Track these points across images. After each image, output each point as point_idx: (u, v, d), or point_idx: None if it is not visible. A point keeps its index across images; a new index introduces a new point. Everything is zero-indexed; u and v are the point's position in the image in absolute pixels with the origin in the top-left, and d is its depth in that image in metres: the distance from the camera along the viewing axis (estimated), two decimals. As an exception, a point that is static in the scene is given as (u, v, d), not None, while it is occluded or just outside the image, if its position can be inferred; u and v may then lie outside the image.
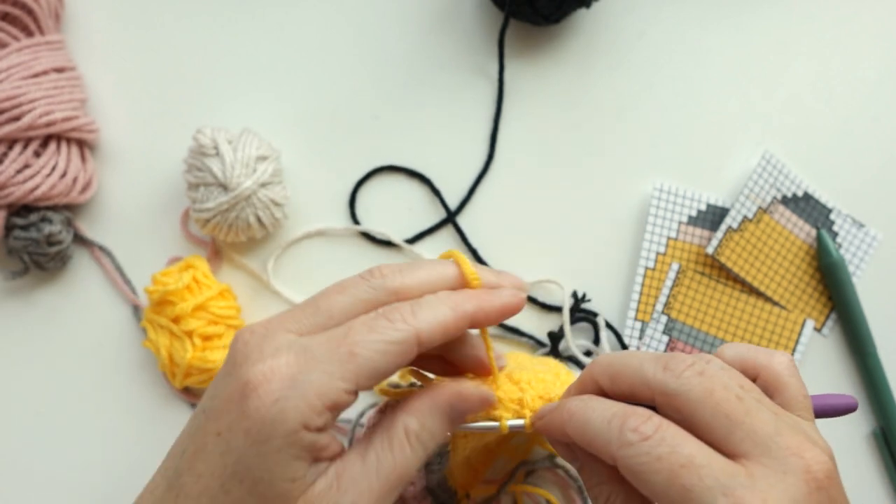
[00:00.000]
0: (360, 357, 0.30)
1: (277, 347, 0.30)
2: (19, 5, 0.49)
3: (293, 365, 0.29)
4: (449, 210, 0.51)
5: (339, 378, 0.29)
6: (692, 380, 0.30)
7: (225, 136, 0.47)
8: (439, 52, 0.53)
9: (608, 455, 0.30)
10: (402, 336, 0.30)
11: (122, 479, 0.49)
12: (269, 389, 0.29)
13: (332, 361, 0.29)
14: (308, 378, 0.29)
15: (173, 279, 0.47)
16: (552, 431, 0.34)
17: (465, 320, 0.32)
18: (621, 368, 0.32)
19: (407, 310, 0.31)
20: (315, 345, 0.30)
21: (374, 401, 0.48)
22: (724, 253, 0.50)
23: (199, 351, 0.46)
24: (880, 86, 0.53)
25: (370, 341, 0.30)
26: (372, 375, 0.30)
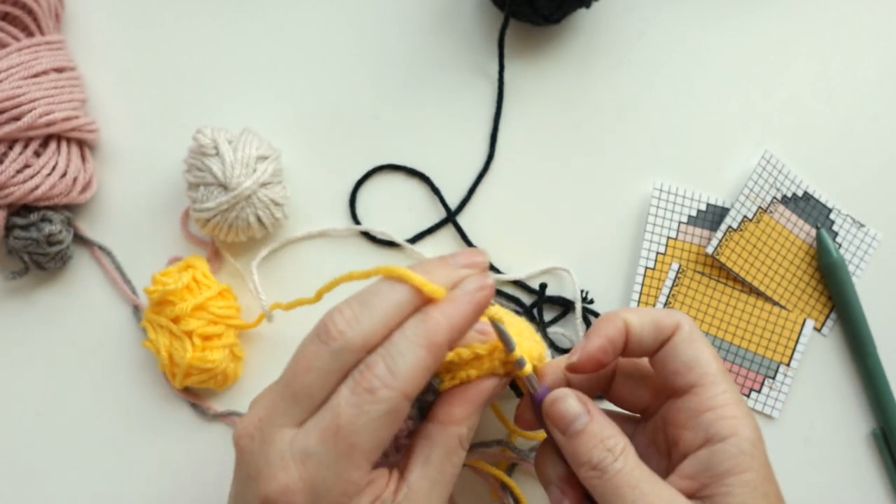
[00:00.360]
0: (361, 444, 0.30)
1: (282, 457, 0.31)
2: (19, 5, 0.49)
3: (307, 478, 0.30)
4: (449, 210, 0.51)
5: (353, 470, 0.30)
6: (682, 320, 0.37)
7: (225, 136, 0.47)
8: (439, 52, 0.53)
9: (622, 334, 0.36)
10: (390, 406, 0.31)
11: (122, 479, 0.49)
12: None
13: (339, 461, 0.30)
14: (327, 485, 0.30)
15: (173, 279, 0.47)
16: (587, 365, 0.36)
17: (443, 351, 0.32)
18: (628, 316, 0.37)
19: (383, 371, 0.31)
20: (313, 446, 0.30)
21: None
22: (724, 253, 0.50)
23: (198, 351, 0.46)
24: (880, 86, 0.53)
25: (363, 424, 0.30)
26: (378, 449, 0.31)
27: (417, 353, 0.31)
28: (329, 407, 0.31)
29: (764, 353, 0.50)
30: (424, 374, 0.31)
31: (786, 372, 0.50)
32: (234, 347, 0.48)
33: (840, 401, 0.50)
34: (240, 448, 0.32)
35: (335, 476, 0.30)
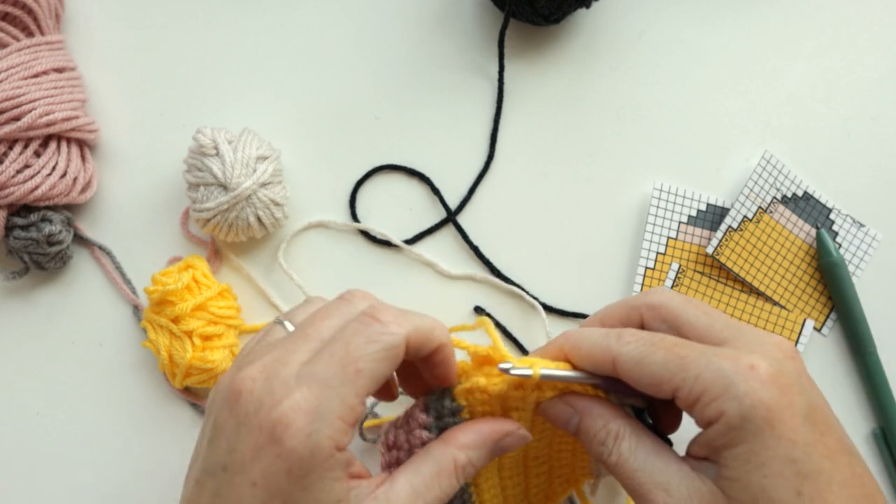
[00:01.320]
0: (366, 371, 0.31)
1: (286, 384, 0.31)
2: (19, 5, 0.49)
3: (311, 397, 0.30)
4: (449, 210, 0.51)
5: (353, 396, 0.31)
6: (673, 296, 0.36)
7: (225, 136, 0.47)
8: (439, 53, 0.53)
9: (609, 358, 0.34)
10: (397, 340, 0.32)
11: (122, 480, 0.49)
12: (300, 426, 0.30)
13: (344, 383, 0.31)
14: (329, 405, 0.30)
15: (173, 279, 0.47)
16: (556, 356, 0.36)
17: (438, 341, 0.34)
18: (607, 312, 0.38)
19: (395, 312, 0.33)
20: (320, 371, 0.31)
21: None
22: (724, 253, 0.50)
23: (198, 351, 0.46)
24: (880, 86, 0.53)
25: (370, 353, 0.31)
26: (378, 382, 0.32)
27: (427, 321, 0.33)
28: (338, 337, 0.32)
29: (764, 353, 0.50)
30: (424, 340, 0.33)
31: (786, 372, 0.50)
32: (234, 347, 0.48)
33: (840, 401, 0.50)
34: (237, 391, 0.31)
35: (338, 399, 0.30)
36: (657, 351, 0.33)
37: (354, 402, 0.31)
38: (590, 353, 0.34)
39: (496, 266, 0.51)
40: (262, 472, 0.30)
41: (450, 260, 0.51)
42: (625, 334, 0.34)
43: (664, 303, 0.35)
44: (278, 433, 0.30)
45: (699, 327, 0.34)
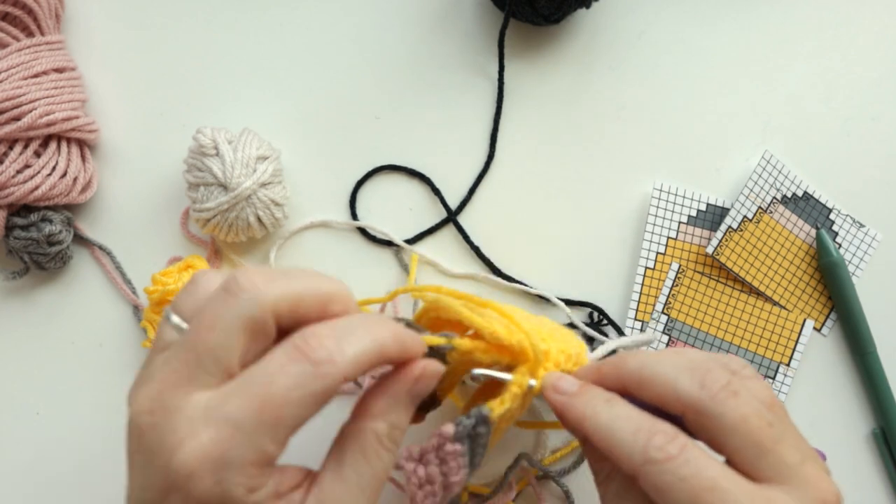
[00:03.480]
0: (288, 418, 0.28)
1: (191, 421, 0.27)
2: (19, 5, 0.49)
3: (219, 443, 0.27)
4: (449, 210, 0.51)
5: (269, 442, 0.28)
6: (727, 402, 0.30)
7: (225, 136, 0.47)
8: (439, 53, 0.53)
9: (629, 466, 0.30)
10: (329, 385, 0.28)
11: (122, 479, 0.49)
12: (205, 474, 0.27)
13: (260, 430, 0.27)
14: (240, 453, 0.27)
15: (173, 279, 0.47)
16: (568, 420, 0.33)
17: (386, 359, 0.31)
18: (652, 376, 0.32)
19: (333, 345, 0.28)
20: (233, 411, 0.27)
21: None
22: (724, 253, 0.50)
23: None
24: (880, 86, 0.53)
25: (297, 398, 0.28)
26: (299, 426, 0.29)
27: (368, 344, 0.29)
28: (259, 371, 0.28)
29: (764, 353, 0.50)
30: (364, 370, 0.29)
31: (786, 372, 0.50)
32: None
33: (840, 401, 0.50)
34: (138, 425, 0.28)
35: (251, 446, 0.27)
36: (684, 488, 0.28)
37: (271, 449, 0.28)
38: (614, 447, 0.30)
39: (496, 266, 0.51)
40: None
41: (450, 259, 0.51)
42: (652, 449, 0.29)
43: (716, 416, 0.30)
44: (181, 480, 0.27)
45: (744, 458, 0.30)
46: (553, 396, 0.33)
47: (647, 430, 0.30)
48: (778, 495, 0.29)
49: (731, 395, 0.30)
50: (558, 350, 0.36)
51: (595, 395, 0.33)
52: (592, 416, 0.31)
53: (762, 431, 0.30)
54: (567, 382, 0.34)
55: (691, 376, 0.31)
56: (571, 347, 0.37)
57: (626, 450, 0.30)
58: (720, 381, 0.31)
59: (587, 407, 0.32)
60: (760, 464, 0.29)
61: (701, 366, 0.32)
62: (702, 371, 0.31)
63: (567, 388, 0.33)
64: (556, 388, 0.33)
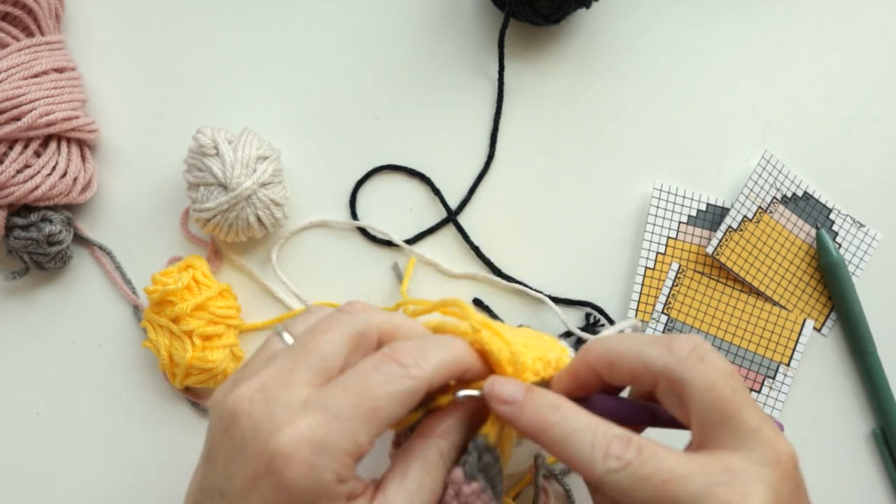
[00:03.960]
0: (382, 411, 0.30)
1: (291, 408, 0.29)
2: (19, 5, 0.49)
3: (318, 428, 0.29)
4: (449, 210, 0.51)
5: (364, 434, 0.29)
6: (696, 367, 0.31)
7: (225, 136, 0.47)
8: (439, 52, 0.53)
9: (591, 479, 0.31)
10: (416, 385, 0.31)
11: (122, 479, 0.49)
12: (302, 458, 0.28)
13: (356, 419, 0.29)
14: (336, 440, 0.29)
15: (173, 279, 0.47)
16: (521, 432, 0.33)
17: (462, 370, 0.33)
18: (620, 354, 0.33)
19: (416, 352, 0.31)
20: (332, 401, 0.29)
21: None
22: (724, 253, 0.50)
23: (198, 351, 0.46)
24: (880, 86, 0.53)
25: (389, 393, 0.30)
26: (389, 424, 0.31)
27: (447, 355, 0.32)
28: (354, 371, 0.31)
29: (764, 353, 0.50)
30: (445, 378, 0.32)
31: (786, 372, 0.50)
32: (235, 347, 0.48)
33: (840, 401, 0.50)
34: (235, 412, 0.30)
35: (347, 434, 0.29)
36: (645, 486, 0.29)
37: (363, 441, 0.30)
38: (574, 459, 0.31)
39: (497, 266, 0.51)
40: (261, 502, 0.29)
41: (451, 259, 0.51)
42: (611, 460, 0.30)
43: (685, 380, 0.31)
44: (277, 464, 0.28)
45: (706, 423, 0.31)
46: (498, 407, 0.33)
47: (602, 439, 0.31)
48: (735, 461, 0.30)
49: (698, 359, 0.32)
50: (534, 358, 0.35)
51: (542, 404, 0.32)
52: (545, 431, 0.32)
53: (727, 397, 0.31)
54: (509, 388, 0.33)
55: (658, 345, 0.32)
56: (549, 353, 0.37)
57: (585, 463, 0.30)
58: (686, 347, 0.32)
59: (537, 419, 0.32)
60: (721, 429, 0.31)
61: (663, 337, 0.33)
62: (666, 340, 0.33)
63: (510, 396, 0.33)
64: (499, 398, 0.33)
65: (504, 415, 0.32)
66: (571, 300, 0.50)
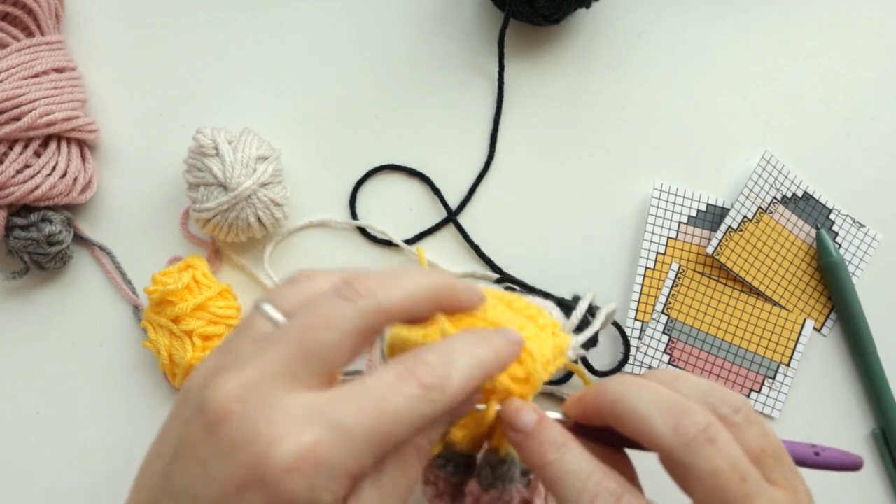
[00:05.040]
0: (395, 436, 0.27)
1: (294, 418, 0.26)
2: (19, 5, 0.49)
3: (325, 446, 0.26)
4: (449, 209, 0.51)
5: (371, 458, 0.27)
6: (700, 451, 0.29)
7: (225, 136, 0.47)
8: (439, 52, 0.53)
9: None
10: (438, 410, 0.28)
11: (122, 479, 0.49)
12: (303, 474, 0.25)
13: (367, 444, 0.26)
14: (343, 462, 0.26)
15: (173, 279, 0.47)
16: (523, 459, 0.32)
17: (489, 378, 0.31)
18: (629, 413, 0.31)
19: (442, 371, 0.28)
20: (343, 417, 0.26)
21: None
22: (724, 253, 0.50)
23: (199, 351, 0.46)
24: (880, 86, 0.53)
25: (407, 419, 0.27)
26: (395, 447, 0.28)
27: (474, 372, 0.29)
28: (373, 385, 0.27)
29: (764, 354, 0.50)
30: (470, 393, 0.29)
31: (786, 372, 0.50)
32: None
33: (840, 401, 0.50)
34: (222, 412, 0.26)
35: (356, 457, 0.26)
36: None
37: (369, 464, 0.27)
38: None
39: (498, 265, 0.51)
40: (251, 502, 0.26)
41: (450, 259, 0.51)
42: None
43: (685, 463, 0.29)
44: (273, 478, 0.25)
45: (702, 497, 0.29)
46: (510, 434, 0.32)
47: (592, 488, 0.30)
48: None
49: (706, 442, 0.29)
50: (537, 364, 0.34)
51: (547, 440, 0.31)
52: (542, 467, 0.31)
53: (731, 486, 0.29)
54: (524, 417, 0.32)
55: (665, 418, 0.30)
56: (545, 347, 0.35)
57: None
58: (697, 426, 0.30)
59: (538, 453, 0.31)
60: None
61: (678, 406, 0.30)
62: (678, 412, 0.30)
63: (523, 425, 0.32)
64: (513, 425, 0.32)
65: (511, 438, 0.32)
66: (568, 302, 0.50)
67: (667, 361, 0.50)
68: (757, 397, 0.50)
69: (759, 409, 0.50)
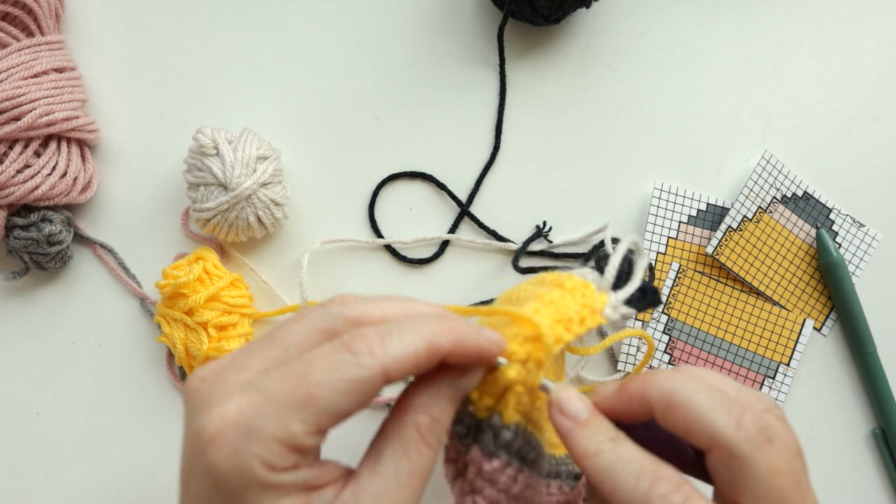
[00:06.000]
0: (320, 399, 0.27)
1: (227, 391, 0.28)
2: (19, 5, 0.49)
3: (245, 409, 0.27)
4: (460, 202, 0.51)
5: (297, 422, 0.27)
6: (761, 449, 0.29)
7: (225, 136, 0.47)
8: (440, 52, 0.53)
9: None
10: (366, 374, 0.28)
11: (122, 479, 0.49)
12: (225, 440, 0.27)
13: (289, 405, 0.27)
14: (262, 423, 0.27)
15: (184, 272, 0.46)
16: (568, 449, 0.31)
17: (439, 355, 0.29)
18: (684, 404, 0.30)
19: (374, 338, 0.28)
20: (269, 384, 0.28)
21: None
22: (724, 253, 0.50)
23: (214, 342, 0.46)
24: (880, 86, 0.53)
25: (331, 381, 0.27)
26: (334, 416, 0.28)
27: (416, 340, 0.29)
28: (304, 358, 0.28)
29: (764, 353, 0.50)
30: (411, 366, 0.28)
31: (786, 372, 0.50)
32: (250, 336, 0.48)
33: (840, 401, 0.50)
34: (189, 388, 0.29)
35: (276, 419, 0.27)
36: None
37: (297, 430, 0.27)
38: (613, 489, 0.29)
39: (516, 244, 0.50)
40: (197, 484, 0.28)
41: (469, 256, 0.51)
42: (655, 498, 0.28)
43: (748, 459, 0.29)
44: (203, 444, 0.27)
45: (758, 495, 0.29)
46: (558, 419, 0.31)
47: (650, 476, 0.29)
48: None
49: (766, 441, 0.29)
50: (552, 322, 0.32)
51: (600, 432, 0.31)
52: (594, 457, 0.30)
53: (788, 489, 0.29)
54: (576, 407, 0.31)
55: (728, 413, 0.29)
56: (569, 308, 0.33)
57: (626, 495, 0.29)
58: (759, 423, 0.29)
59: (590, 444, 0.30)
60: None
61: (738, 401, 0.30)
62: (739, 408, 0.30)
63: (575, 414, 0.31)
64: (562, 411, 0.31)
65: (557, 424, 0.31)
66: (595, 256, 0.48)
67: (667, 361, 0.50)
68: (757, 397, 0.50)
69: (759, 408, 0.50)
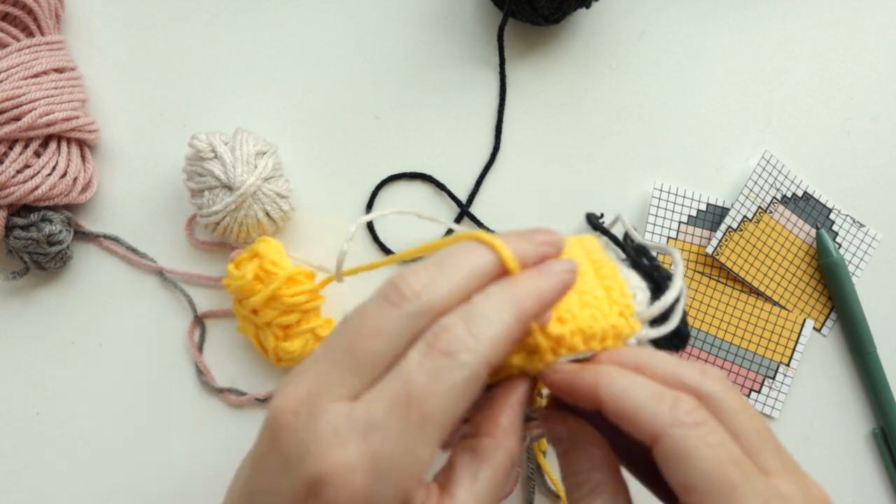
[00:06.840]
0: (436, 416, 0.26)
1: (336, 431, 0.26)
2: (19, 5, 0.49)
3: (369, 454, 0.25)
4: (460, 203, 0.51)
5: (422, 447, 0.26)
6: (729, 390, 0.29)
7: (220, 139, 0.47)
8: (439, 52, 0.53)
9: (652, 429, 0.28)
10: (471, 372, 0.26)
11: (122, 479, 0.49)
12: (354, 488, 0.25)
13: (409, 434, 0.26)
14: (392, 463, 0.25)
15: (240, 272, 0.46)
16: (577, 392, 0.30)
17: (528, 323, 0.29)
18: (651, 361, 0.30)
19: (464, 332, 0.27)
20: (378, 417, 0.26)
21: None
22: (724, 253, 0.50)
23: (281, 341, 0.46)
24: (880, 86, 0.53)
25: (439, 392, 0.26)
26: (451, 424, 0.27)
27: (504, 318, 0.27)
28: (396, 374, 0.27)
29: (764, 353, 0.50)
30: (508, 344, 0.28)
31: (786, 372, 0.50)
32: (320, 328, 0.47)
33: (840, 401, 0.50)
34: (279, 425, 0.27)
35: (403, 452, 0.25)
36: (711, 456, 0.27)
37: (425, 454, 0.26)
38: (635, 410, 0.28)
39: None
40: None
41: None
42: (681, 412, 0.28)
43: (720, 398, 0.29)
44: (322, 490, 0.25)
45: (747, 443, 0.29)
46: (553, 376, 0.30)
47: (671, 395, 0.28)
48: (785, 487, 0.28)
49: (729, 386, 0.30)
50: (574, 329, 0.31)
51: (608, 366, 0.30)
52: (608, 384, 0.29)
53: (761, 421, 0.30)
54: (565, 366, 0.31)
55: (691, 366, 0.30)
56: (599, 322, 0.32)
57: (649, 412, 0.28)
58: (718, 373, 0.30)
59: (600, 375, 0.29)
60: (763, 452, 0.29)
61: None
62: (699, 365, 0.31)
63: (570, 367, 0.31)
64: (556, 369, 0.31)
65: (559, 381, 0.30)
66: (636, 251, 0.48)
67: (667, 361, 0.50)
68: (757, 397, 0.50)
69: (759, 409, 0.50)
